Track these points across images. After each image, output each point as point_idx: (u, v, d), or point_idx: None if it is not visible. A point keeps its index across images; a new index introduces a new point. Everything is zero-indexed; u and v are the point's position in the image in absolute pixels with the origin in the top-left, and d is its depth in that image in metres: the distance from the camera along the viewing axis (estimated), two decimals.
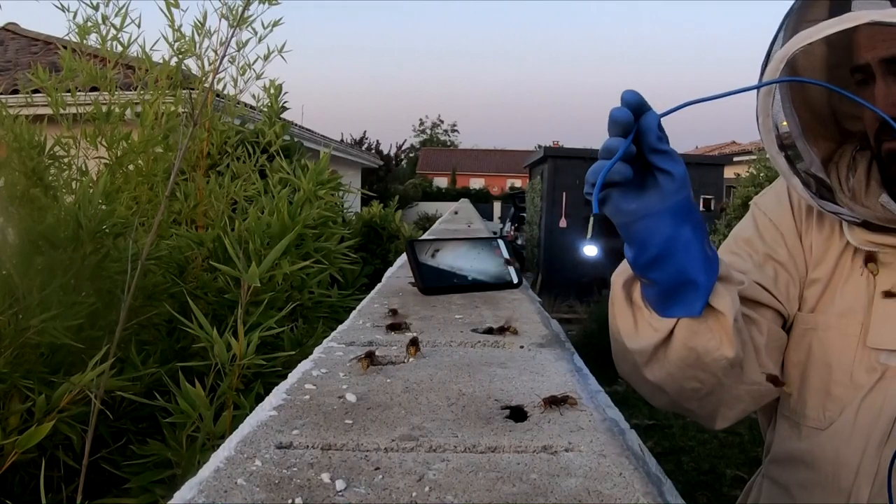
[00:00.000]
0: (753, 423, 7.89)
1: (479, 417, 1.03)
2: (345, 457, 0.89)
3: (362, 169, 29.03)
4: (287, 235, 2.46)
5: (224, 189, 3.28)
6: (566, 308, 14.99)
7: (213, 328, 1.89)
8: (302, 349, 2.42)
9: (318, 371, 1.25)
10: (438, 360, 1.36)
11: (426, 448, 0.92)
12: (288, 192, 2.88)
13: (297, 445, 0.92)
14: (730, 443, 7.47)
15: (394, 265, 2.93)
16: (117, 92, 3.39)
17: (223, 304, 2.65)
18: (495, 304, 1.99)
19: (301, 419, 1.01)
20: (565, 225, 16.75)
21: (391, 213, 9.14)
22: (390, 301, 1.98)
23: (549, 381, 1.22)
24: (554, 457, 0.90)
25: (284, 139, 4.49)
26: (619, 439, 0.96)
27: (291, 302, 2.65)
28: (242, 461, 0.87)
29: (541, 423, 1.01)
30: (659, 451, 7.00)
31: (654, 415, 8.32)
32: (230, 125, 3.76)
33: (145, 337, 2.60)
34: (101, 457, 2.08)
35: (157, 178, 3.10)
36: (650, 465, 1.14)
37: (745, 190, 10.37)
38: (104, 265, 2.35)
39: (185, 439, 1.90)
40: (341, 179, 3.26)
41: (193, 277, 2.85)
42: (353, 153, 25.97)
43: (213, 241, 2.84)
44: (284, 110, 4.32)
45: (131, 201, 3.04)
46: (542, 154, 18.16)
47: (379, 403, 1.09)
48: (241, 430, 0.97)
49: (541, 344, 1.51)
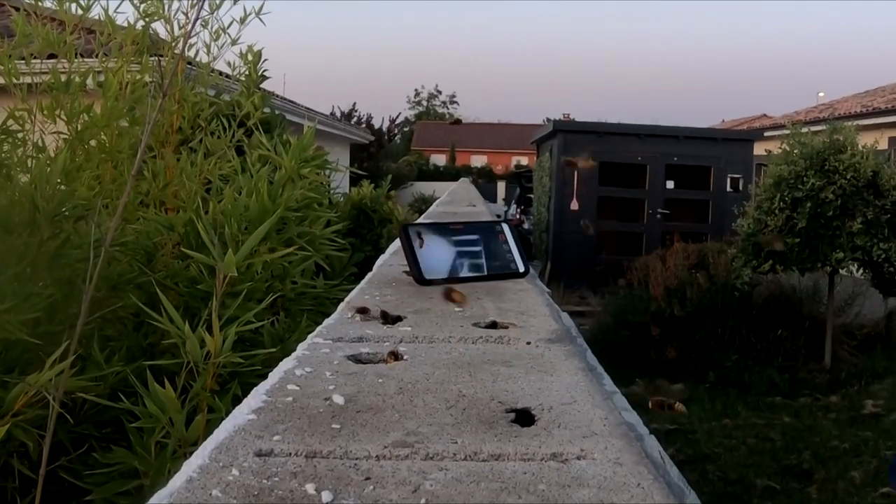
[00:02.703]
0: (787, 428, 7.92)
1: (480, 422, 1.03)
2: (332, 465, 0.89)
3: (351, 145, 29.00)
4: (267, 219, 2.46)
5: (197, 167, 3.28)
6: (578, 300, 15.02)
7: (184, 322, 1.89)
8: (284, 346, 2.42)
9: (301, 370, 1.25)
10: (436, 357, 1.36)
11: (422, 456, 0.92)
12: (268, 171, 2.88)
13: (279, 453, 0.92)
14: (760, 450, 7.49)
15: (386, 252, 2.92)
16: (77, 59, 3.38)
17: (196, 295, 2.65)
18: (499, 295, 1.98)
19: (283, 424, 1.01)
20: (577, 207, 16.75)
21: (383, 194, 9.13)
22: (382, 292, 1.98)
23: (558, 380, 1.22)
24: (564, 465, 0.90)
25: (264, 112, 4.49)
26: (636, 446, 0.96)
27: (272, 293, 2.65)
28: (218, 470, 0.87)
29: (550, 428, 1.01)
30: (681, 459, 7.02)
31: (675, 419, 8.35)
32: (203, 96, 3.76)
33: (109, 332, 2.60)
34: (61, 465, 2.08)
35: (122, 155, 3.09)
36: (671, 475, 1.14)
37: (777, 168, 10.36)
38: (63, 252, 2.35)
39: (153, 446, 1.90)
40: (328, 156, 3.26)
41: (163, 266, 2.85)
42: (341, 127, 25.95)
43: (185, 225, 2.84)
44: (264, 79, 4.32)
45: (93, 181, 3.03)
46: (551, 128, 18.18)
47: (370, 406, 1.09)
48: (217, 436, 0.96)
49: (550, 340, 1.50)
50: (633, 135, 17.04)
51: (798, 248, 9.94)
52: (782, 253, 10.01)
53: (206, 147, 3.53)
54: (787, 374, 9.91)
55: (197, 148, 3.53)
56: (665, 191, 17.13)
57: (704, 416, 8.61)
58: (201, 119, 3.66)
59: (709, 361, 10.26)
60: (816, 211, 9.88)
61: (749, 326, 10.51)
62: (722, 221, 15.84)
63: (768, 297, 11.09)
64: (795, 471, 7.04)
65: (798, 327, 10.57)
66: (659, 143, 16.83)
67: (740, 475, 6.88)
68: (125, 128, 3.16)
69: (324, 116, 23.80)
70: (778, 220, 10.07)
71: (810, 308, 11.05)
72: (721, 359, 10.20)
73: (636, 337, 10.84)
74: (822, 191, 9.86)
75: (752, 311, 10.74)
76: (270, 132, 4.46)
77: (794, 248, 9.94)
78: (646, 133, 17.12)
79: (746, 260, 10.47)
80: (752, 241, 10.36)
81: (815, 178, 9.91)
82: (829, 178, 9.91)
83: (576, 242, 16.68)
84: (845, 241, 9.83)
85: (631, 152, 16.88)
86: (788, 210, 10.03)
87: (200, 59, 3.76)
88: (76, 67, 3.30)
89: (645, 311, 11.04)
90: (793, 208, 10.01)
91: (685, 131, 17.28)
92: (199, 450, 0.93)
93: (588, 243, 16.74)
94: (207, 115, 3.68)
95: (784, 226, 10.03)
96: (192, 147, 3.58)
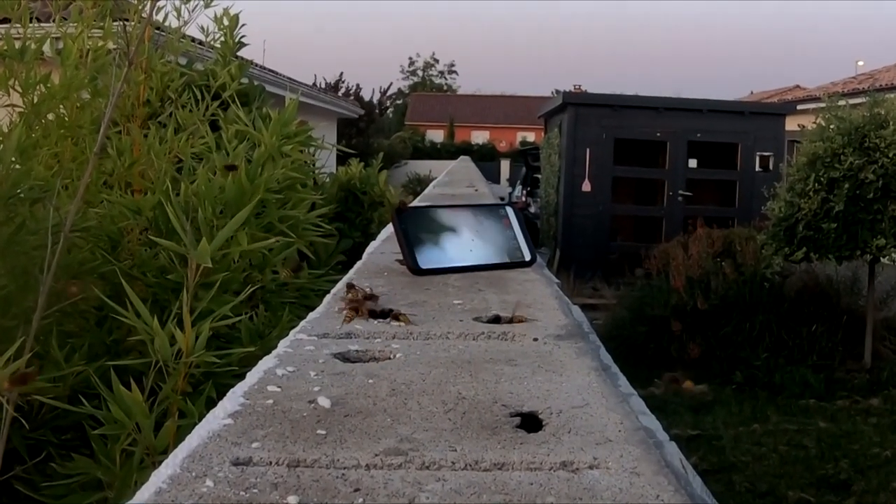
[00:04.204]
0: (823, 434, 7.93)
1: (482, 427, 1.03)
2: (317, 475, 0.89)
3: (339, 119, 29.00)
4: (245, 203, 2.46)
5: (166, 144, 3.27)
6: (590, 291, 15.05)
7: (153, 317, 1.89)
8: (263, 343, 2.42)
9: (283, 370, 1.25)
10: (433, 355, 1.36)
11: (417, 465, 0.92)
12: (246, 149, 2.88)
13: (258, 462, 0.92)
14: (793, 458, 7.51)
15: (377, 239, 2.92)
16: (33, 24, 3.37)
17: (166, 286, 2.65)
18: (503, 286, 1.99)
19: (262, 429, 1.01)
20: (589, 189, 16.77)
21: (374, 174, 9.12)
22: (373, 283, 1.98)
23: (569, 381, 1.23)
24: (575, 475, 0.90)
25: (241, 82, 4.48)
26: (655, 454, 0.96)
27: (250, 284, 2.65)
28: (190, 481, 0.87)
29: (559, 434, 1.01)
30: (705, 469, 7.04)
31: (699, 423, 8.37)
32: (173, 65, 3.75)
33: (69, 327, 2.60)
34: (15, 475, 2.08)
35: (83, 130, 3.09)
36: (694, 486, 1.14)
37: (812, 146, 10.35)
38: (18, 238, 2.35)
39: (118, 454, 1.90)
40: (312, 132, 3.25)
41: (129, 254, 2.85)
42: (328, 100, 25.94)
43: (154, 208, 2.84)
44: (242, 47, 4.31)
45: (51, 159, 3.03)
46: (560, 101, 18.15)
47: (359, 409, 1.09)
48: (189, 443, 0.97)
49: (559, 336, 1.51)
50: (652, 108, 17.05)
51: (835, 234, 9.93)
52: (817, 239, 10.00)
53: (176, 121, 3.52)
54: (823, 374, 9.93)
55: (167, 123, 3.52)
56: (687, 170, 17.14)
57: (731, 420, 8.63)
58: (171, 91, 3.66)
59: (735, 360, 10.27)
60: (855, 193, 9.88)
61: (780, 321, 10.52)
62: (750, 204, 15.85)
63: (802, 288, 11.10)
64: (832, 482, 7.05)
65: (835, 322, 10.57)
66: (680, 117, 16.83)
67: (771, 487, 6.90)
68: (87, 100, 3.15)
69: (308, 88, 23.79)
70: (812, 204, 10.06)
71: (848, 301, 11.07)
72: (749, 357, 10.22)
73: (655, 333, 10.86)
74: (862, 170, 9.85)
75: (783, 304, 10.75)
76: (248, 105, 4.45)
77: (831, 233, 9.93)
78: (666, 106, 17.12)
79: (777, 247, 10.46)
80: (783, 226, 10.35)
81: (854, 156, 9.90)
82: (869, 156, 9.90)
83: (588, 228, 16.70)
84: (887, 227, 9.82)
85: (649, 128, 16.89)
86: (824, 192, 10.02)
87: (170, 24, 3.76)
88: (31, 33, 3.29)
89: (665, 305, 11.05)
90: (829, 190, 10.01)
91: (709, 104, 17.28)
92: (170, 458, 0.93)
93: (601, 229, 16.76)
94: (178, 86, 3.68)
95: (819, 209, 10.02)
96: (161, 122, 3.57)
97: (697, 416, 8.77)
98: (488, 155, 49.65)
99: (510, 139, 65.06)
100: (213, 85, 3.93)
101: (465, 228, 2.22)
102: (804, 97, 24.00)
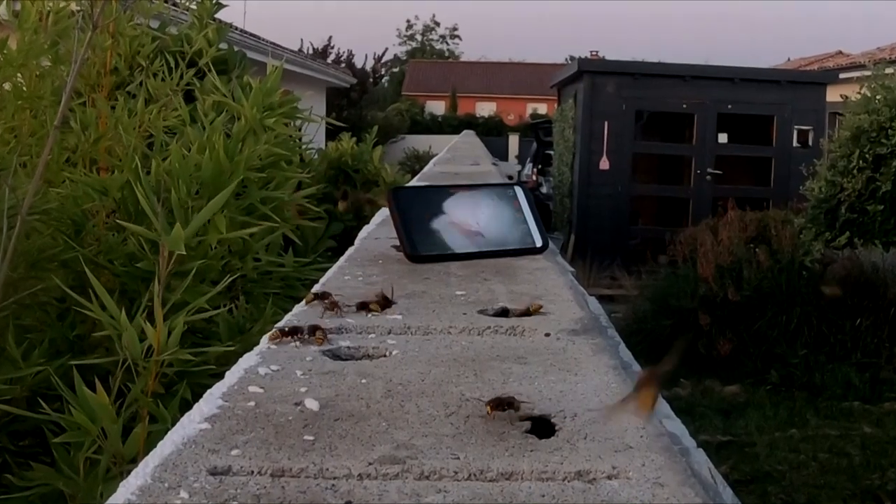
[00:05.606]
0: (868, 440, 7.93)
1: (488, 432, 1.03)
2: (303, 486, 0.89)
3: (328, 89, 28.97)
4: (224, 182, 2.46)
5: (136, 117, 3.27)
6: (608, 281, 15.04)
7: (120, 310, 1.89)
8: (244, 338, 2.42)
9: (266, 368, 1.26)
10: (433, 352, 1.36)
11: (416, 474, 0.92)
12: (224, 121, 2.87)
13: (238, 471, 0.92)
14: (834, 466, 7.51)
15: (371, 222, 2.93)
16: None
17: (135, 276, 2.65)
18: (511, 275, 1.99)
19: (243, 435, 1.01)
20: (607, 167, 16.75)
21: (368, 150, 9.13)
22: (366, 271, 1.98)
23: (585, 381, 1.23)
24: (592, 486, 0.90)
25: (220, 48, 4.48)
26: (681, 462, 0.96)
27: (229, 273, 2.65)
28: (163, 492, 0.87)
29: (574, 441, 1.01)
30: (737, 479, 7.04)
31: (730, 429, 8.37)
32: (144, 29, 3.74)
33: (28, 321, 2.60)
34: None
35: (43, 101, 3.09)
36: (725, 498, 1.14)
37: (856, 118, 10.33)
38: None
39: (82, 463, 1.91)
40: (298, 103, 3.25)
41: (94, 239, 2.85)
42: (315, 67, 25.90)
43: (122, 189, 2.84)
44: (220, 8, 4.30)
45: (8, 133, 3.03)
46: (575, 69, 18.12)
47: (351, 413, 1.09)
48: (161, 451, 0.97)
49: (573, 331, 1.51)
50: (678, 77, 17.01)
51: (881, 218, 9.92)
52: (862, 223, 9.99)
53: (147, 92, 3.52)
54: (868, 374, 9.92)
55: (136, 93, 3.52)
56: (717, 146, 17.13)
57: (765, 424, 8.63)
58: (141, 57, 3.65)
59: (771, 357, 10.26)
60: None
61: (820, 314, 10.50)
62: (787, 184, 15.82)
63: (844, 277, 11.08)
64: (878, 493, 7.06)
65: (881, 316, 10.55)
66: (709, 86, 16.80)
67: (810, 498, 6.91)
68: (47, 68, 3.15)
69: (293, 54, 23.76)
70: (856, 183, 10.06)
71: None
72: (786, 354, 10.21)
73: (680, 327, 10.84)
74: None
75: (824, 295, 10.74)
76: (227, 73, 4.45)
77: (877, 216, 9.92)
78: (693, 75, 17.08)
79: (818, 232, 10.46)
80: (824, 208, 10.34)
81: None
82: None
83: (605, 210, 16.68)
84: None
85: (675, 98, 16.87)
86: (869, 170, 10.02)
87: None
88: None
89: (692, 296, 11.04)
90: (875, 168, 10.00)
91: (742, 72, 17.24)
92: (140, 467, 0.93)
93: (621, 211, 16.75)
94: (149, 52, 3.67)
95: (864, 189, 10.02)
96: (130, 92, 3.57)
97: (728, 420, 8.77)
98: (495, 129, 49.66)
99: (519, 111, 64.99)
100: (187, 51, 3.93)
101: (468, 211, 2.22)
102: (847, 64, 23.92)
